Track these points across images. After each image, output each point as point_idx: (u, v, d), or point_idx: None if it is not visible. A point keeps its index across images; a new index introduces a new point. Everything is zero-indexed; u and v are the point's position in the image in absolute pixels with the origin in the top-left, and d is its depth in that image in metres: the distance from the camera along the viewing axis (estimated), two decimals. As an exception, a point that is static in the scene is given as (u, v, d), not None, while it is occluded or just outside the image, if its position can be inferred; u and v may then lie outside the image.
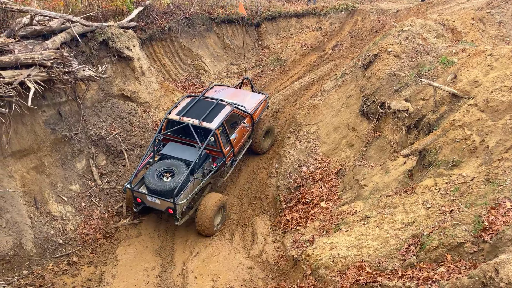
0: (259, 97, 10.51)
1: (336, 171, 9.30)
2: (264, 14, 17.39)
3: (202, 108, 8.91)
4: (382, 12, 18.56)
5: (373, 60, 10.02)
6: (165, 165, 8.19)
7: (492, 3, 13.68)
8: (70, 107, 9.09)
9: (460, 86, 7.11)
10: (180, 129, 8.79)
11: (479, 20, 11.48)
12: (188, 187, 8.06)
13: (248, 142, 10.07)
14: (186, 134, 8.81)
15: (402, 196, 6.44)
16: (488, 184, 5.35)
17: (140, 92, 10.91)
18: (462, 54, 8.13)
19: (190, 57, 14.17)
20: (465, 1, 15.63)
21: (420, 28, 10.39)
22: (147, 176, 7.96)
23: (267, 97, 10.90)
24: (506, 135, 5.80)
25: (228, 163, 9.14)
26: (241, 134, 9.48)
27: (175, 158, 8.41)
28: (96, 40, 10.00)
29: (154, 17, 13.03)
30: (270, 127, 10.47)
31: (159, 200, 7.84)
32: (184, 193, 7.93)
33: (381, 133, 8.90)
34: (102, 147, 9.41)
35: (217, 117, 8.68)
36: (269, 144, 10.63)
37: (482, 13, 11.95)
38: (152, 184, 7.80)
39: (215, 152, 8.82)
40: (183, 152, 8.58)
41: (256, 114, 10.05)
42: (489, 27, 11.44)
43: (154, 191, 7.80)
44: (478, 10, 12.99)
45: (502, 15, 12.25)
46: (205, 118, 8.60)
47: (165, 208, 7.90)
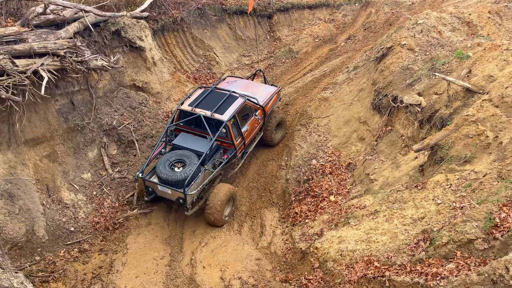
0: (271, 89, 10.51)
1: (346, 165, 9.26)
2: (276, 6, 17.24)
3: (214, 100, 8.92)
4: (396, 4, 18.25)
5: (386, 53, 9.89)
6: (176, 156, 8.26)
7: (510, -5, 13.38)
8: (83, 96, 9.18)
9: (474, 81, 7.00)
10: (192, 120, 8.82)
11: (495, 13, 11.24)
12: (199, 178, 8.11)
13: (259, 134, 10.10)
14: (198, 125, 8.85)
15: (412, 191, 6.39)
16: (500, 181, 5.28)
17: (152, 82, 10.94)
18: (477, 48, 7.99)
19: (201, 48, 14.15)
20: (482, -7, 15.30)
21: (435, 21, 10.22)
22: (159, 166, 8.04)
23: (279, 90, 10.91)
24: (520, 132, 5.71)
25: (239, 155, 9.16)
26: (252, 127, 9.51)
27: (186, 149, 8.47)
28: (108, 30, 10.03)
29: (167, 7, 13.02)
30: (282, 119, 10.46)
31: (170, 190, 7.92)
32: (194, 184, 7.99)
33: (392, 127, 8.82)
34: (114, 137, 9.49)
35: (229, 109, 8.71)
36: (281, 136, 10.63)
37: (499, 7, 11.69)
38: (164, 174, 7.87)
39: (226, 144, 8.87)
40: (194, 143, 8.62)
41: (268, 107, 10.08)
42: (506, 21, 11.20)
43: (165, 181, 7.88)
44: (495, 3, 12.70)
45: (520, 9, 11.98)
46: (217, 110, 8.62)
47: (175, 198, 7.99)
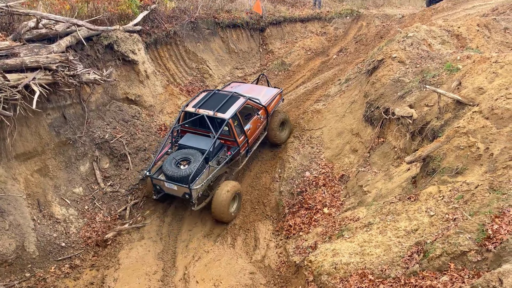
0: (274, 91, 11.04)
1: (340, 176, 9.27)
2: (269, 19, 17.45)
3: (217, 100, 9.37)
4: (387, 18, 18.56)
5: (377, 65, 10.00)
6: (182, 154, 8.67)
7: (497, 9, 13.62)
8: (75, 110, 9.14)
9: (464, 93, 7.08)
10: (196, 121, 9.25)
11: (484, 26, 11.43)
12: (203, 174, 8.49)
13: (263, 134, 10.48)
14: (202, 125, 9.26)
15: (405, 203, 6.40)
16: (492, 192, 5.31)
17: (145, 95, 10.95)
18: (467, 60, 8.10)
19: (194, 61, 14.22)
20: (470, 7, 15.58)
21: (425, 34, 10.37)
22: (165, 164, 8.47)
23: (282, 91, 11.39)
24: (511, 143, 5.76)
25: (243, 152, 9.53)
26: (255, 125, 9.91)
27: (191, 148, 8.86)
28: (101, 43, 10.06)
29: (159, 21, 13.10)
30: (285, 118, 10.79)
31: (176, 186, 8.27)
32: (199, 179, 8.35)
33: (385, 139, 8.87)
34: (106, 150, 9.44)
35: (231, 108, 9.12)
36: (287, 135, 10.93)
37: (487, 20, 11.90)
38: (170, 171, 8.27)
39: (230, 142, 9.24)
40: (198, 142, 9.00)
41: (271, 107, 10.48)
42: (494, 34, 11.39)
43: (171, 178, 8.27)
44: (483, 16, 12.94)
45: (507, 22, 12.18)
46: (219, 109, 9.03)
47: (182, 193, 8.33)
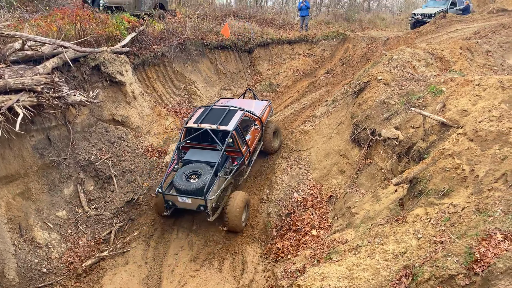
0: (264, 103, 11.50)
1: (328, 198, 9.24)
2: (257, 41, 17.69)
3: (217, 115, 9.62)
4: (372, 40, 18.95)
5: (363, 87, 10.13)
6: (190, 169, 8.77)
7: (479, 33, 14.03)
8: (60, 131, 9.02)
9: (449, 115, 7.18)
10: (199, 136, 9.39)
11: (467, 49, 11.72)
12: (215, 185, 8.67)
13: (259, 144, 10.84)
14: (204, 139, 9.44)
15: (393, 225, 6.37)
16: (478, 215, 5.31)
17: (132, 116, 10.88)
18: (450, 83, 8.25)
19: (182, 82, 14.26)
20: (453, 30, 16.02)
21: (410, 57, 10.57)
22: (176, 179, 8.52)
23: (271, 103, 11.88)
24: (495, 165, 5.81)
25: (246, 162, 9.80)
26: (254, 135, 10.31)
27: (198, 162, 8.99)
28: (88, 65, 10.03)
29: (148, 43, 13.16)
30: (276, 128, 11.26)
31: (190, 200, 8.37)
32: (212, 191, 8.51)
33: (372, 160, 8.90)
34: (91, 173, 9.29)
35: (232, 120, 9.40)
36: (278, 144, 11.30)
37: (470, 43, 12.21)
38: (182, 186, 8.36)
39: (234, 153, 9.48)
40: (204, 156, 9.18)
41: (264, 118, 10.93)
42: (477, 57, 11.67)
43: (185, 192, 8.34)
44: (466, 39, 13.29)
45: (489, 45, 12.53)
46: (221, 122, 9.30)
47: (196, 206, 8.44)
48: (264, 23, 22.31)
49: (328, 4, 39.97)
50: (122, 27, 11.97)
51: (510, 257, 4.32)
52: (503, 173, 5.62)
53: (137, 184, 9.83)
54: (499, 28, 13.85)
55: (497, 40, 12.85)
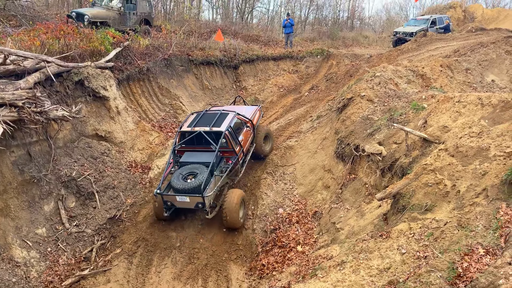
0: (253, 107, 12.04)
1: (313, 213, 9.23)
2: (242, 57, 17.82)
3: (209, 118, 10.02)
4: (356, 57, 19.29)
5: (347, 103, 10.26)
6: (187, 170, 9.08)
7: (459, 51, 14.41)
8: (41, 147, 8.86)
9: (430, 131, 7.30)
10: (193, 139, 9.66)
11: (447, 67, 12.01)
12: (211, 183, 8.96)
13: (252, 146, 11.09)
14: (199, 142, 9.69)
15: (377, 241, 6.38)
16: (461, 229, 5.36)
17: (115, 132, 10.77)
18: (431, 100, 8.42)
19: (167, 97, 14.23)
20: (433, 48, 16.43)
21: (392, 74, 10.78)
22: (173, 180, 8.82)
23: (260, 107, 12.44)
24: (476, 180, 5.90)
25: (240, 161, 10.09)
26: (246, 137, 10.65)
27: (194, 163, 9.30)
28: (71, 80, 9.94)
29: (132, 58, 13.14)
30: (267, 132, 11.57)
31: (188, 198, 8.62)
32: (208, 188, 8.79)
33: (356, 175, 8.96)
34: (73, 189, 9.11)
35: (224, 122, 9.77)
36: (270, 148, 11.60)
37: (450, 61, 12.53)
38: (180, 185, 8.66)
39: (228, 153, 9.80)
40: (199, 157, 9.51)
41: (255, 120, 11.36)
42: (456, 74, 11.97)
43: (183, 191, 8.63)
44: (446, 57, 13.64)
45: (468, 63, 12.88)
46: (214, 124, 9.64)
47: (194, 204, 8.68)
48: (250, 40, 22.54)
49: (312, 21, 40.69)
50: (107, 42, 11.94)
51: (492, 272, 4.36)
52: (484, 188, 5.71)
53: (120, 200, 9.68)
54: (478, 46, 14.26)
55: (476, 58, 13.22)
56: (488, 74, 12.66)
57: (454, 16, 31.50)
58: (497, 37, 15.14)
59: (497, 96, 7.05)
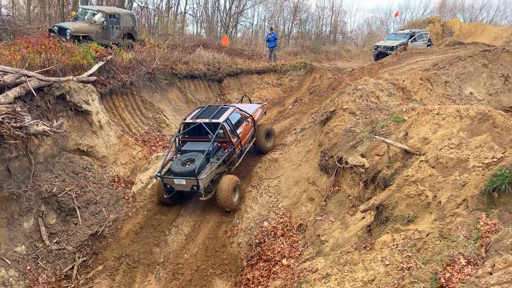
0: (256, 105, 13.14)
1: (298, 226, 9.23)
2: (226, 70, 17.90)
3: (211, 111, 11.13)
4: (338, 71, 19.58)
5: (330, 116, 10.37)
6: (186, 156, 10.09)
7: (438, 64, 14.77)
8: (21, 162, 8.67)
9: (411, 143, 7.42)
10: (195, 130, 10.82)
11: (426, 80, 12.29)
12: (207, 168, 9.82)
13: (252, 140, 12.08)
14: (200, 133, 10.81)
15: (361, 253, 6.40)
16: (442, 240, 5.43)
17: (98, 146, 10.64)
18: (412, 112, 8.58)
19: (151, 110, 14.15)
20: (413, 62, 16.81)
21: (373, 87, 10.97)
22: (173, 164, 9.83)
23: (263, 105, 13.51)
24: (456, 191, 6.01)
25: (238, 151, 11.02)
26: (245, 130, 11.58)
27: (193, 151, 10.32)
28: (52, 94, 9.81)
29: (116, 72, 13.07)
30: (269, 130, 12.55)
31: (184, 181, 9.55)
32: (203, 172, 9.63)
33: (340, 187, 9.02)
34: (53, 205, 8.92)
35: (223, 115, 10.82)
36: (272, 145, 12.52)
37: (429, 74, 12.83)
38: (178, 169, 9.62)
39: (225, 143, 10.81)
40: (199, 146, 10.51)
41: (256, 116, 12.28)
42: (436, 87, 12.25)
43: (180, 174, 9.57)
44: (425, 70, 13.96)
45: (447, 76, 13.21)
46: (213, 117, 10.67)
47: (190, 186, 9.61)
48: (234, 54, 22.69)
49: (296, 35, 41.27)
50: (89, 56, 11.87)
51: (473, 282, 4.42)
52: (464, 198, 5.81)
53: (102, 216, 9.51)
54: (456, 60, 14.66)
55: (454, 71, 13.57)
56: (466, 87, 13.00)
57: (433, 30, 32.40)
58: (474, 51, 15.60)
59: (474, 109, 7.23)
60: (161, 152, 12.36)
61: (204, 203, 10.13)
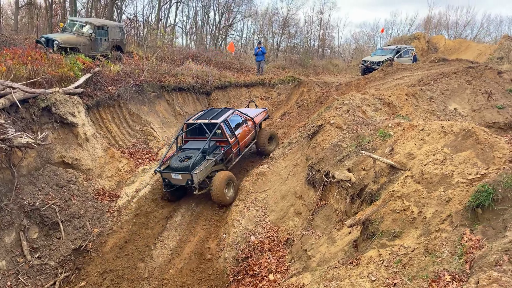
0: (260, 110, 14.11)
1: (285, 240, 9.18)
2: (215, 83, 17.94)
3: (212, 113, 12.01)
4: (326, 85, 19.78)
5: (317, 130, 10.43)
6: (185, 154, 10.95)
7: (423, 80, 15.01)
8: (3, 175, 8.51)
9: (397, 158, 7.49)
10: (196, 130, 11.83)
11: (412, 95, 12.47)
12: (202, 165, 10.55)
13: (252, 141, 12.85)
14: (200, 133, 11.76)
15: (348, 268, 6.39)
16: (427, 256, 5.45)
17: (83, 159, 10.50)
18: (397, 128, 8.68)
19: (138, 123, 14.06)
20: (399, 77, 17.06)
21: (360, 102, 11.09)
22: (172, 161, 10.69)
23: (266, 110, 14.57)
24: (441, 207, 6.06)
25: (235, 151, 11.73)
26: (244, 132, 12.34)
27: (192, 149, 11.17)
28: (38, 106, 9.69)
29: (103, 84, 12.99)
30: (272, 133, 13.30)
31: (180, 175, 10.30)
32: (198, 168, 10.36)
33: (327, 201, 9.02)
34: (36, 219, 8.73)
35: (222, 116, 11.63)
36: (274, 148, 13.07)
37: (414, 89, 13.02)
38: (175, 165, 10.46)
39: (223, 142, 11.56)
40: (197, 145, 11.37)
41: (257, 120, 13.10)
42: (421, 102, 12.43)
43: (176, 169, 10.36)
44: (410, 86, 14.17)
45: (432, 92, 13.42)
46: (213, 118, 11.52)
47: (185, 181, 10.32)
48: (223, 67, 22.79)
49: (284, 49, 41.70)
50: (76, 68, 11.79)
51: (458, 298, 4.43)
52: (449, 214, 5.86)
53: (86, 230, 9.35)
54: (440, 76, 14.92)
55: (439, 87, 13.80)
56: (451, 103, 13.22)
57: (419, 46, 33.04)
58: (458, 68, 15.91)
59: (458, 125, 7.34)
60: (148, 165, 12.26)
61: (190, 217, 10.05)
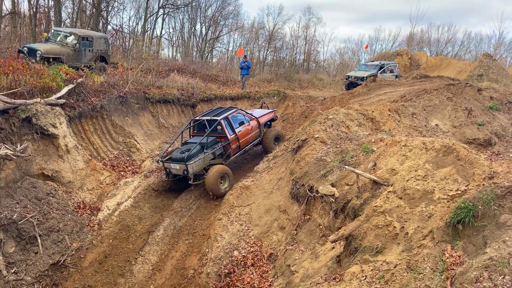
0: (267, 110, 14.87)
1: (268, 255, 9.10)
2: (200, 96, 17.92)
3: (217, 111, 13.02)
4: (310, 99, 19.94)
5: (301, 145, 10.46)
6: (186, 147, 11.95)
7: (405, 96, 15.27)
8: (-21, 187, 8.28)
9: (380, 174, 7.55)
10: (201, 126, 12.84)
11: (394, 111, 12.66)
12: (198, 157, 11.44)
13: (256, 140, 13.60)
14: (204, 129, 12.53)
15: (331, 284, 6.36)
16: (409, 272, 5.46)
17: (63, 171, 10.30)
18: (380, 143, 8.77)
19: (121, 134, 13.90)
20: (382, 93, 17.33)
21: (344, 117, 11.20)
22: (174, 152, 11.82)
23: (274, 111, 15.36)
24: (422, 222, 6.11)
25: (234, 147, 12.49)
26: (246, 130, 13.09)
27: (193, 143, 12.02)
28: (18, 117, 9.52)
29: (86, 95, 12.85)
30: (278, 133, 14.19)
31: (178, 166, 11.30)
32: (193, 160, 11.27)
33: (310, 216, 9.00)
34: (13, 232, 8.49)
35: (224, 114, 12.53)
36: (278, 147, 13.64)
37: (397, 105, 13.23)
38: (175, 156, 11.58)
39: (223, 138, 12.38)
40: (199, 139, 12.04)
41: (262, 120, 13.85)
42: (403, 118, 12.62)
43: (175, 160, 11.42)
44: (393, 102, 14.39)
45: (414, 108, 13.66)
46: (215, 115, 12.49)
47: (182, 171, 11.32)
48: (208, 79, 22.80)
49: (270, 62, 42.04)
50: (59, 78, 11.64)
51: (439, 315, 4.43)
52: (430, 230, 5.90)
53: (65, 245, 9.12)
54: (422, 92, 15.21)
55: (421, 103, 14.05)
56: (432, 119, 13.46)
57: (401, 62, 33.69)
58: (439, 84, 16.26)
59: (439, 141, 7.46)
60: (130, 177, 12.09)
61: (173, 231, 9.91)
